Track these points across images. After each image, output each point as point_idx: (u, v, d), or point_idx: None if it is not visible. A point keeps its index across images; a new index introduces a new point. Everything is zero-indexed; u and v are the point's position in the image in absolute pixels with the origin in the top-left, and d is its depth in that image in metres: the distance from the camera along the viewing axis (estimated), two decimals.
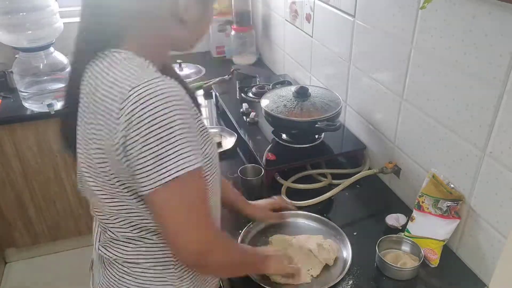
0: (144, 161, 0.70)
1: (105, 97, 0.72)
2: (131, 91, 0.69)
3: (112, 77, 0.73)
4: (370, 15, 1.37)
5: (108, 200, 0.82)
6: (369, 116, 1.48)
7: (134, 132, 0.69)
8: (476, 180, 1.05)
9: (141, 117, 0.68)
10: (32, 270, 2.35)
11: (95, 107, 0.74)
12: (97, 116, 0.74)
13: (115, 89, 0.71)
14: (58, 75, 2.03)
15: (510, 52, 0.89)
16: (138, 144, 0.69)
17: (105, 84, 0.73)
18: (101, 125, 0.73)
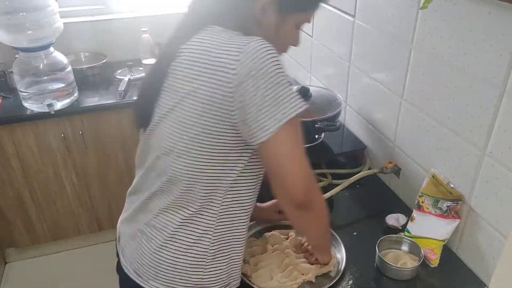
0: (267, 104, 0.76)
1: (218, 54, 0.78)
2: (245, 46, 0.76)
3: (221, 40, 0.79)
4: (370, 15, 1.37)
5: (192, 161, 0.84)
6: (369, 116, 1.48)
7: (255, 80, 0.75)
8: (476, 180, 1.05)
9: (259, 66, 0.75)
10: (32, 270, 2.35)
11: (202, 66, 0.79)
12: (205, 74, 0.79)
13: (228, 47, 0.78)
14: (58, 75, 2.02)
15: (510, 52, 0.89)
16: (260, 89, 0.75)
17: (215, 46, 0.79)
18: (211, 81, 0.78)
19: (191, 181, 0.86)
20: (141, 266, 0.93)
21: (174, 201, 0.89)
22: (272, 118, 0.76)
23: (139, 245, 0.94)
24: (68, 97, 2.02)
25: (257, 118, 0.76)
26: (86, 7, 2.38)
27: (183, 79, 0.82)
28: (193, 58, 0.81)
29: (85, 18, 2.36)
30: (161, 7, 2.43)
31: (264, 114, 0.76)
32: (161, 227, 0.90)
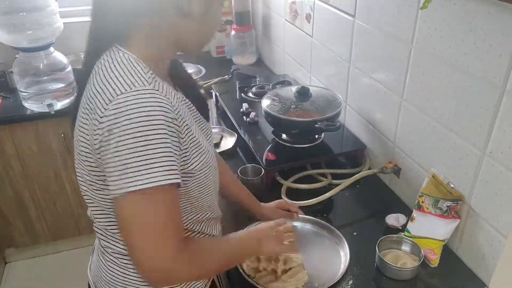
0: (114, 165, 0.70)
1: (97, 93, 0.73)
2: (120, 95, 0.70)
3: (108, 76, 0.74)
4: (370, 15, 1.37)
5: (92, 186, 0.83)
6: (369, 116, 1.48)
7: (111, 135, 0.69)
8: (476, 180, 1.05)
9: (120, 123, 0.69)
10: (32, 270, 2.35)
11: (88, 99, 0.76)
12: (86, 111, 0.76)
13: (107, 89, 0.72)
14: (58, 75, 2.03)
15: (510, 52, 0.89)
16: (112, 148, 0.69)
17: (100, 81, 0.74)
18: (88, 120, 0.75)
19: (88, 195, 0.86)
20: (98, 278, 0.93)
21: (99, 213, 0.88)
22: (117, 182, 0.70)
23: (97, 256, 0.94)
24: (68, 97, 2.02)
25: (107, 175, 0.71)
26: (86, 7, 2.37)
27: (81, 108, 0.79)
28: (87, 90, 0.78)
29: (85, 18, 2.35)
30: None
31: (112, 174, 0.70)
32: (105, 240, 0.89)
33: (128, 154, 0.69)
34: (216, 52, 2.56)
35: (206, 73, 2.33)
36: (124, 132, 0.68)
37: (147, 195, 0.70)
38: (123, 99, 0.70)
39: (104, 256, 0.91)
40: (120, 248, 0.87)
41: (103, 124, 0.70)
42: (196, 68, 2.37)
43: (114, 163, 0.70)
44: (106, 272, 0.90)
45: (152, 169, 0.69)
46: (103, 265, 0.91)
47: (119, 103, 0.69)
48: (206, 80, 2.18)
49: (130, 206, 0.72)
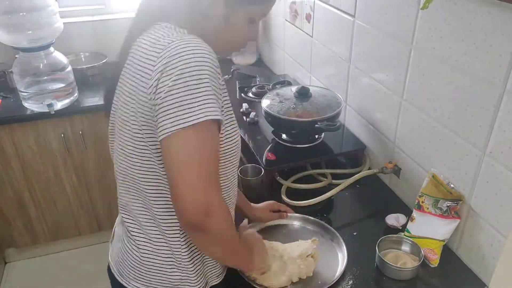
0: (168, 104, 0.73)
1: (148, 51, 0.79)
2: (171, 43, 0.76)
3: (154, 37, 0.80)
4: (370, 15, 1.37)
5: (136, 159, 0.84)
6: (369, 116, 1.48)
7: (165, 76, 0.73)
8: (476, 180, 1.05)
9: (174, 64, 0.73)
10: (32, 270, 2.35)
11: (138, 61, 0.81)
12: (138, 69, 0.80)
13: (156, 45, 0.78)
14: (58, 75, 2.03)
15: (510, 52, 0.89)
16: (167, 87, 0.73)
17: (148, 42, 0.81)
18: (140, 75, 0.79)
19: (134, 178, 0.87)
20: (123, 266, 0.94)
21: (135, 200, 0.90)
22: (171, 119, 0.72)
23: (123, 245, 0.95)
24: (68, 97, 2.02)
25: (160, 116, 0.74)
26: (86, 7, 2.38)
27: (127, 75, 0.85)
28: (136, 56, 0.83)
29: (85, 18, 2.36)
30: None
31: (166, 113, 0.73)
32: (136, 227, 0.91)
33: (182, 90, 0.72)
34: None
35: None
36: (179, 71, 0.73)
37: (199, 130, 0.73)
38: (175, 44, 0.75)
39: (131, 243, 0.92)
40: (149, 231, 0.89)
41: (159, 69, 0.75)
42: None
43: (169, 101, 0.73)
44: (130, 259, 0.92)
45: (204, 104, 0.73)
46: (129, 252, 0.92)
47: (171, 48, 0.75)
48: None
49: (183, 141, 0.73)
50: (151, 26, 0.84)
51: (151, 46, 0.80)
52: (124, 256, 0.94)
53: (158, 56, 0.76)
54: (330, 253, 1.14)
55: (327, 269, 1.08)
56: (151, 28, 0.84)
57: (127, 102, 0.84)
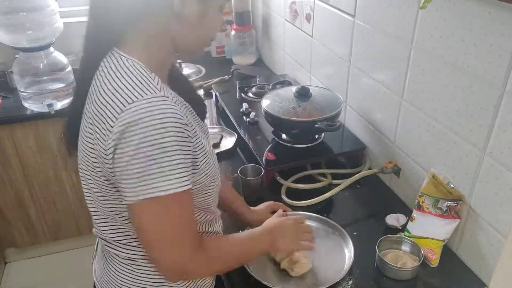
0: (130, 173, 0.71)
1: (106, 102, 0.73)
2: (131, 104, 0.70)
3: (116, 84, 0.74)
4: (370, 15, 1.37)
5: (101, 197, 0.83)
6: (369, 116, 1.48)
7: (125, 144, 0.70)
8: (476, 180, 1.05)
9: (134, 131, 0.69)
10: (32, 270, 2.35)
11: (95, 109, 0.75)
12: (95, 119, 0.75)
13: (116, 97, 0.72)
14: (58, 75, 2.03)
15: (510, 52, 0.89)
16: (127, 156, 0.70)
17: (108, 89, 0.74)
18: (97, 128, 0.74)
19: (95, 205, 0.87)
20: (107, 284, 0.92)
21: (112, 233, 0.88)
22: (133, 189, 0.71)
23: (105, 262, 0.93)
24: (68, 97, 2.02)
25: (122, 182, 0.72)
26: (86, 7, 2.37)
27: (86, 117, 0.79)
28: (93, 97, 0.76)
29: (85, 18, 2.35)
30: None
31: (127, 182, 0.71)
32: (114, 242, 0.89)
33: (144, 162, 0.69)
34: (216, 52, 2.56)
35: (206, 73, 2.33)
36: (139, 141, 0.69)
37: (163, 202, 0.72)
38: (135, 107, 0.70)
39: (113, 263, 0.91)
40: (130, 254, 0.87)
41: (116, 134, 0.70)
42: (196, 68, 2.37)
43: (130, 171, 0.70)
44: (117, 278, 0.90)
45: (167, 176, 0.71)
46: (113, 272, 0.91)
47: (132, 111, 0.69)
48: (206, 80, 2.18)
49: (147, 212, 0.73)
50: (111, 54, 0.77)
51: (112, 94, 0.73)
52: (108, 277, 0.92)
53: (117, 116, 0.70)
54: (337, 251, 1.14)
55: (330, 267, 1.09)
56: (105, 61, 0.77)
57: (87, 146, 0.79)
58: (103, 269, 0.94)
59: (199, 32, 0.82)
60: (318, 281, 1.05)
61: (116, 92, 0.73)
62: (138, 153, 0.69)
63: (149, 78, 0.75)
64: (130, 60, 0.76)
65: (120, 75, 0.74)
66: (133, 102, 0.70)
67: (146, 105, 0.70)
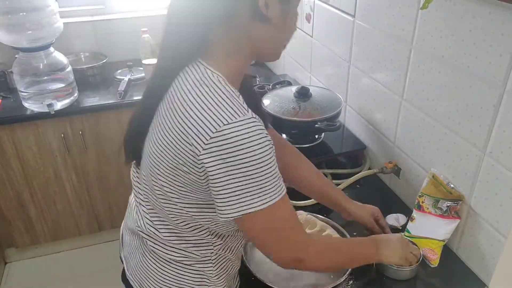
0: (228, 192, 0.72)
1: (197, 117, 0.72)
2: (224, 126, 0.70)
3: (206, 100, 0.72)
4: (370, 15, 1.37)
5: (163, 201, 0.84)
6: (369, 116, 1.48)
7: (221, 166, 0.70)
8: (476, 180, 1.05)
9: (233, 154, 0.70)
10: (32, 270, 2.34)
11: (180, 120, 0.73)
12: (180, 131, 0.73)
13: (209, 114, 0.71)
14: (58, 75, 2.02)
15: (510, 52, 0.89)
16: (225, 177, 0.71)
17: (198, 103, 0.72)
18: (184, 141, 0.73)
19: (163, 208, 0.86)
20: (146, 280, 0.93)
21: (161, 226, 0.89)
22: (229, 207, 0.73)
23: (144, 258, 0.93)
24: (68, 97, 2.02)
25: (217, 198, 0.74)
26: (86, 7, 2.38)
27: (161, 127, 0.78)
28: (172, 108, 0.75)
29: (85, 18, 2.36)
30: (161, 7, 2.43)
31: (222, 199, 0.73)
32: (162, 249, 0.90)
33: (243, 181, 0.71)
34: None
35: None
36: (236, 163, 0.70)
37: (267, 212, 0.74)
38: (230, 129, 0.70)
39: (153, 260, 0.92)
40: (174, 256, 0.89)
41: (212, 152, 0.70)
42: None
43: (229, 189, 0.72)
44: (158, 276, 0.91)
45: (266, 189, 0.73)
46: (153, 269, 0.92)
47: (227, 133, 0.69)
48: None
49: (254, 223, 0.77)
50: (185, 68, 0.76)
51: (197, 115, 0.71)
52: (146, 270, 0.93)
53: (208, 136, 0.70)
54: None
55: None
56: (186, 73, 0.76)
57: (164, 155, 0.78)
58: (138, 263, 0.94)
59: (282, 34, 0.81)
60: (319, 281, 1.05)
61: (207, 109, 0.71)
62: (237, 173, 0.70)
63: (237, 97, 0.74)
64: (215, 75, 0.75)
65: (209, 90, 0.73)
66: (228, 123, 0.70)
67: (240, 127, 0.70)
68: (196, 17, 0.74)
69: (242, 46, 0.78)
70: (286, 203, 0.79)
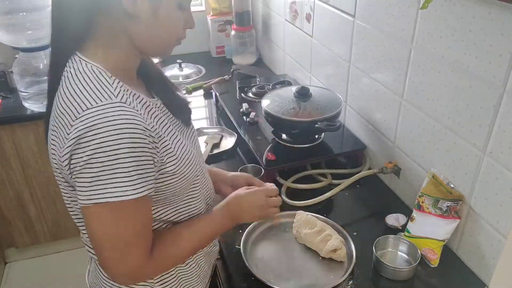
0: (83, 178, 0.70)
1: (65, 108, 0.72)
2: (86, 111, 0.69)
3: (73, 91, 0.73)
4: (370, 15, 1.37)
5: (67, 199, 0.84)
6: (369, 116, 1.48)
7: (80, 150, 0.69)
8: (476, 180, 1.05)
9: (88, 139, 0.68)
10: (32, 270, 2.35)
11: (56, 114, 0.75)
12: (57, 125, 0.74)
13: (73, 105, 0.71)
14: None
15: (510, 52, 0.89)
16: (82, 162, 0.69)
17: (65, 97, 0.73)
18: (57, 136, 0.74)
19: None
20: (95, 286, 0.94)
21: None
22: (86, 193, 0.70)
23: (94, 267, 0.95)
24: None
25: (76, 185, 0.72)
26: None
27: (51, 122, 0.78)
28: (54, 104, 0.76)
29: None
30: None
31: (77, 185, 0.71)
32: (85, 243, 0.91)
33: (97, 168, 0.69)
34: (216, 52, 2.56)
35: (206, 73, 2.33)
36: (93, 148, 0.68)
37: (115, 208, 0.71)
38: (89, 114, 0.69)
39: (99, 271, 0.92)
40: None
41: (71, 140, 0.69)
42: (196, 68, 2.37)
43: (83, 175, 0.70)
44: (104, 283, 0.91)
45: (118, 183, 0.70)
46: (100, 277, 0.92)
47: (86, 118, 0.69)
48: (206, 80, 2.18)
49: (97, 217, 0.72)
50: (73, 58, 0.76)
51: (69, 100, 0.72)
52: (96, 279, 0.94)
53: (72, 123, 0.70)
54: None
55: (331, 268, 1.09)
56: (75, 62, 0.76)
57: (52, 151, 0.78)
58: (93, 271, 0.96)
59: (157, 31, 0.79)
60: (319, 281, 1.05)
61: (72, 98, 0.72)
62: (91, 159, 0.68)
63: (107, 83, 0.73)
64: (89, 64, 0.75)
65: (78, 80, 0.73)
66: (87, 108, 0.70)
67: (100, 112, 0.69)
68: (70, 12, 0.75)
69: (119, 38, 0.77)
70: (142, 208, 0.75)
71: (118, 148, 0.68)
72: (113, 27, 0.76)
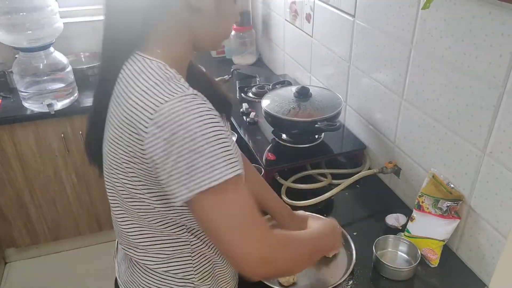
0: (178, 172, 0.69)
1: (136, 104, 0.71)
2: (164, 104, 0.69)
3: (144, 86, 0.72)
4: (370, 15, 1.37)
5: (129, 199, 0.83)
6: (369, 116, 1.48)
7: (168, 145, 0.68)
8: (476, 180, 1.05)
9: (174, 130, 0.67)
10: (32, 270, 2.35)
11: (124, 112, 0.74)
12: (124, 122, 0.73)
13: (147, 98, 0.70)
14: (58, 75, 2.03)
15: (510, 52, 0.89)
16: (174, 155, 0.68)
17: (137, 92, 0.72)
18: (128, 131, 0.73)
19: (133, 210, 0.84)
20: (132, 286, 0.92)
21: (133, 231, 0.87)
22: (183, 186, 0.69)
23: (129, 265, 0.93)
24: (68, 97, 2.02)
25: (168, 183, 0.70)
26: (86, 7, 2.38)
27: (111, 124, 0.78)
28: (117, 102, 0.76)
29: (85, 18, 2.36)
30: None
31: (175, 181, 0.69)
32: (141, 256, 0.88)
33: (190, 157, 0.68)
34: (216, 52, 2.56)
35: None
36: (181, 138, 0.67)
37: (219, 191, 0.69)
38: (169, 106, 0.68)
39: (137, 268, 0.91)
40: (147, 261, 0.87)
41: (155, 135, 0.69)
42: None
43: (178, 169, 0.68)
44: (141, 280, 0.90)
45: (215, 166, 0.68)
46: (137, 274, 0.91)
47: (166, 111, 0.68)
48: None
49: (205, 205, 0.70)
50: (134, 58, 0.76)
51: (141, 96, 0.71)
52: (132, 277, 0.92)
53: (151, 117, 0.69)
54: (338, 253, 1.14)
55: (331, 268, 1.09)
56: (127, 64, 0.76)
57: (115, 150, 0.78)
58: (126, 271, 0.94)
59: (216, 24, 0.81)
60: (319, 281, 1.05)
61: (145, 93, 0.71)
62: (182, 150, 0.67)
63: (176, 77, 0.74)
64: (154, 62, 0.75)
65: (147, 77, 0.73)
66: (166, 102, 0.69)
67: (179, 103, 0.69)
68: (132, 11, 0.75)
69: (180, 36, 0.78)
70: (242, 186, 0.73)
71: (205, 133, 0.68)
72: (177, 25, 0.77)
